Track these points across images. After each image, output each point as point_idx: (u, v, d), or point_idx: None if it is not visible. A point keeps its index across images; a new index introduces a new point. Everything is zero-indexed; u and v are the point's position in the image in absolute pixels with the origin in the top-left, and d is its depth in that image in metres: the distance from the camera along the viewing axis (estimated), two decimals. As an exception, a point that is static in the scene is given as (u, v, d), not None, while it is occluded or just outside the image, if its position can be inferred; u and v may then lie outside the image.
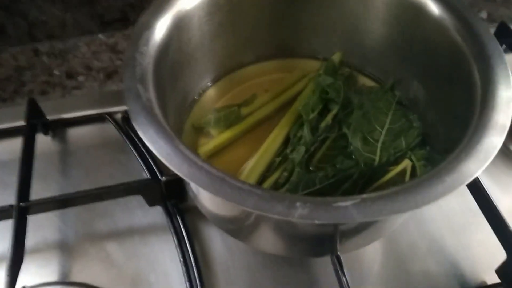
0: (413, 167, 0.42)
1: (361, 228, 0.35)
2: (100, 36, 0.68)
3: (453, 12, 0.38)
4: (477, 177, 0.44)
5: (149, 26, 0.36)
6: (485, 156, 0.29)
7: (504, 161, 0.54)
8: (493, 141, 0.29)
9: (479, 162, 0.28)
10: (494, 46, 0.35)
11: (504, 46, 0.62)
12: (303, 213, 0.25)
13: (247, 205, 0.25)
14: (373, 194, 0.27)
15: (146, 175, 0.49)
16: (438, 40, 0.39)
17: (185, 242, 0.45)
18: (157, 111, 0.31)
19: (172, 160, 0.28)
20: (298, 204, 0.25)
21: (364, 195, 0.27)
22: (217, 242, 0.46)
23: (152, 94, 0.32)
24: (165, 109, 0.36)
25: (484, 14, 0.75)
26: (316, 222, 0.25)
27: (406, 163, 0.42)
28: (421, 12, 0.40)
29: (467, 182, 0.27)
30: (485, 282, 0.44)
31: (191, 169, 0.27)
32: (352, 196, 0.26)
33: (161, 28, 0.37)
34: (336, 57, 0.50)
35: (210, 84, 0.49)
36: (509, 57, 0.60)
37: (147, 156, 0.51)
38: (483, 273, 0.45)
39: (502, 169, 0.53)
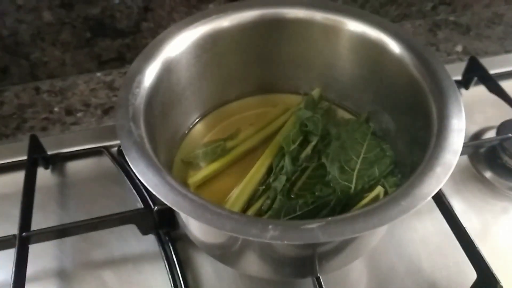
0: (386, 194, 0.45)
1: (336, 250, 0.38)
2: (98, 74, 0.73)
3: (412, 50, 0.42)
4: (448, 202, 0.48)
5: (140, 70, 0.40)
6: (436, 182, 0.32)
7: (478, 187, 0.57)
8: (443, 171, 0.33)
9: (431, 187, 0.32)
10: (449, 82, 0.39)
11: (475, 78, 0.66)
12: (274, 235, 0.28)
13: (226, 229, 0.29)
14: (337, 217, 0.30)
15: (140, 205, 0.52)
16: (399, 75, 0.43)
17: (176, 269, 0.48)
18: (148, 146, 0.35)
19: (159, 190, 0.31)
20: (270, 227, 0.29)
21: (329, 218, 0.30)
22: (206, 268, 0.49)
23: (143, 131, 0.36)
24: (156, 144, 0.39)
25: (459, 48, 0.80)
26: (286, 242, 0.28)
27: (379, 190, 0.45)
28: (384, 51, 0.45)
29: (419, 205, 0.31)
30: (459, 301, 0.47)
31: (176, 197, 0.31)
32: (318, 220, 0.30)
33: (151, 72, 0.41)
34: (316, 93, 0.55)
35: (199, 120, 0.53)
36: (479, 88, 0.66)
37: (141, 187, 0.54)
38: (458, 291, 0.48)
39: (476, 194, 0.56)
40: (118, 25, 0.68)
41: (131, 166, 0.33)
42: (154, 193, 0.31)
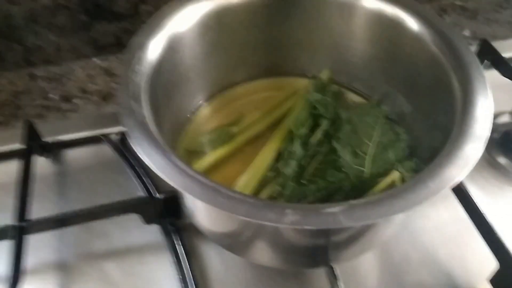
0: (402, 178, 0.43)
1: (352, 238, 0.36)
2: (95, 59, 0.70)
3: (431, 27, 0.40)
4: (465, 188, 0.46)
5: (141, 46, 0.38)
6: (466, 162, 0.30)
7: (492, 173, 0.55)
8: (473, 148, 0.31)
9: (460, 168, 0.30)
10: (471, 58, 0.37)
11: (486, 61, 0.64)
12: (293, 219, 0.26)
13: (239, 213, 0.26)
14: (360, 201, 0.28)
15: (141, 193, 0.50)
16: (418, 54, 0.41)
17: (182, 259, 0.45)
18: (152, 127, 0.32)
19: (166, 172, 0.29)
20: (288, 211, 0.26)
21: (352, 202, 0.28)
22: (214, 258, 0.47)
23: (146, 110, 0.34)
24: (161, 127, 0.37)
25: (467, 32, 0.77)
26: (306, 227, 0.26)
27: (395, 175, 0.43)
28: (401, 28, 0.43)
29: (449, 187, 0.29)
30: (478, 291, 0.45)
31: (185, 180, 0.28)
32: (340, 203, 0.27)
33: (153, 48, 0.39)
34: (324, 75, 0.52)
35: (203, 103, 0.51)
36: (492, 73, 0.63)
37: (143, 175, 0.52)
38: (475, 282, 0.45)
39: (490, 181, 0.55)
40: (116, 7, 0.66)
41: (134, 147, 0.30)
42: (161, 175, 0.29)
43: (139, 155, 0.30)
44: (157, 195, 0.45)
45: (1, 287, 0.40)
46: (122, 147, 0.55)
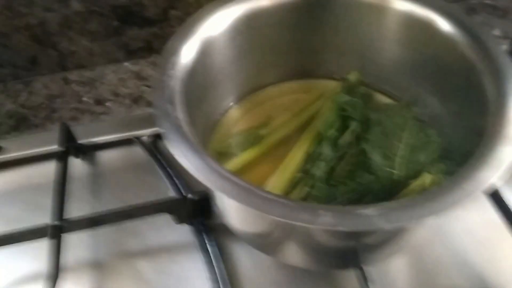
0: (434, 181, 0.43)
1: (383, 240, 0.36)
2: (126, 64, 0.72)
3: (463, 28, 0.40)
4: (499, 191, 0.46)
5: (174, 51, 0.39)
6: (501, 165, 0.29)
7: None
8: (508, 150, 0.30)
9: (495, 170, 0.29)
10: (504, 58, 0.37)
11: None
12: (327, 221, 0.26)
13: (274, 214, 0.27)
14: (394, 202, 0.28)
15: (172, 194, 0.51)
16: (449, 55, 0.41)
17: (213, 258, 0.46)
18: (186, 128, 0.33)
19: (201, 172, 0.30)
20: (321, 212, 0.27)
21: (386, 203, 0.28)
22: (244, 258, 0.47)
23: (180, 113, 0.35)
24: (194, 128, 0.38)
25: (497, 32, 0.76)
26: (340, 229, 0.26)
27: (425, 177, 0.43)
28: (431, 29, 0.42)
29: (484, 189, 0.28)
30: (512, 295, 0.44)
31: (220, 180, 0.29)
32: (374, 205, 0.28)
33: (186, 53, 0.40)
34: (353, 76, 0.52)
35: (232, 105, 0.52)
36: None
37: (174, 176, 0.53)
38: (508, 285, 0.45)
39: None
40: (146, 13, 0.67)
41: (170, 148, 0.31)
42: (198, 177, 0.30)
43: (176, 157, 0.31)
44: (189, 196, 0.46)
45: (43, 283, 0.42)
46: (154, 148, 0.56)
